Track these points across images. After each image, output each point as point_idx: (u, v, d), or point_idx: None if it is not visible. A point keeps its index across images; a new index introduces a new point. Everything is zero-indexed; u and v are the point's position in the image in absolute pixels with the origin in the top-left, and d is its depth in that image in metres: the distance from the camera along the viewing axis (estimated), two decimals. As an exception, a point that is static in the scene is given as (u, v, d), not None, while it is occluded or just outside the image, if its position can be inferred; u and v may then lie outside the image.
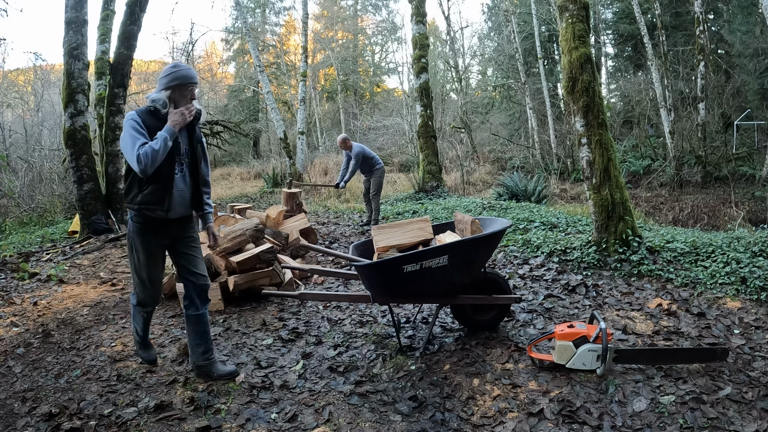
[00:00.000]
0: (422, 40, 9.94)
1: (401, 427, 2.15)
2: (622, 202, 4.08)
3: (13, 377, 2.71)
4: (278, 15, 28.29)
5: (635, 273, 3.78)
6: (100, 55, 8.82)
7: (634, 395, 2.27)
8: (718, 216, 10.11)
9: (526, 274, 4.10)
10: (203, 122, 13.55)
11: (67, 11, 6.89)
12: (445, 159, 15.67)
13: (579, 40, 4.17)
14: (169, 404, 2.37)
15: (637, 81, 17.17)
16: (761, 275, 3.29)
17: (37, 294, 4.19)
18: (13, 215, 10.06)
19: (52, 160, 12.57)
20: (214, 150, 18.88)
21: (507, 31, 18.92)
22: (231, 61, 29.34)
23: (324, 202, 10.21)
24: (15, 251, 6.06)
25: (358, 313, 3.55)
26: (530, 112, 17.36)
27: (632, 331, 2.92)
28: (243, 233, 4.02)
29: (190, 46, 18.49)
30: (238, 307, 3.72)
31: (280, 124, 14.44)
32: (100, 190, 7.12)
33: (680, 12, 16.20)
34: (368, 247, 3.19)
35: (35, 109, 20.88)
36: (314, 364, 2.77)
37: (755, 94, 13.46)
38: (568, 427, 2.08)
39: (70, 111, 6.86)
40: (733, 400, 2.19)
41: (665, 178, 12.93)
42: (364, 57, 30.47)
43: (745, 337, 2.77)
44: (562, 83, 4.69)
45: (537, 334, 2.98)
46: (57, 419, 2.27)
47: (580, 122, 4.15)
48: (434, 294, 2.81)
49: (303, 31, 15.38)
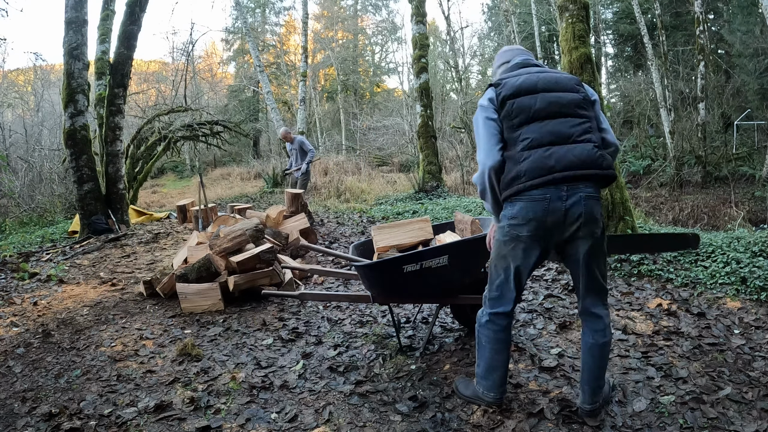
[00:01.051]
0: (422, 40, 9.94)
1: (401, 427, 2.15)
2: (622, 202, 4.08)
3: (13, 377, 2.71)
4: (278, 15, 28.32)
5: (635, 273, 3.79)
6: (100, 55, 8.83)
7: (634, 395, 2.28)
8: (718, 216, 10.11)
9: (526, 274, 4.09)
10: (203, 122, 13.56)
11: (67, 11, 6.89)
12: (445, 159, 15.67)
13: (579, 40, 4.17)
14: (169, 404, 2.37)
15: (637, 81, 17.17)
16: (761, 275, 3.29)
17: (37, 294, 4.19)
18: (13, 215, 10.06)
19: (52, 160, 12.58)
20: (214, 150, 18.90)
21: (507, 31, 18.91)
22: (231, 61, 29.37)
23: (324, 202, 10.21)
24: (15, 251, 6.06)
25: (358, 313, 3.55)
26: (530, 112, 17.33)
27: (632, 331, 2.92)
28: (243, 233, 4.02)
29: (190, 46, 18.48)
30: (238, 307, 3.72)
31: (280, 124, 14.44)
32: (100, 190, 7.13)
33: (680, 12, 16.21)
34: (368, 247, 3.19)
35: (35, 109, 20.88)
36: (314, 364, 2.77)
37: (755, 94, 13.46)
38: (568, 427, 2.08)
39: (70, 111, 6.86)
40: (733, 400, 2.19)
41: (665, 178, 12.93)
42: (364, 57, 30.48)
43: (745, 337, 2.78)
44: (562, 83, 4.70)
45: (537, 333, 2.98)
46: (57, 419, 2.27)
47: (580, 122, 4.15)
48: (434, 294, 2.81)
49: (303, 31, 15.39)
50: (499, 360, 2.10)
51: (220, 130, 13.61)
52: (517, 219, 1.94)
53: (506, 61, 2.20)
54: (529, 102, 1.95)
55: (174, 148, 13.35)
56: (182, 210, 8.00)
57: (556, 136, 1.91)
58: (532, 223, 1.91)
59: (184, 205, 8.07)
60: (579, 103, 1.98)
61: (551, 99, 1.95)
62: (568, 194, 1.88)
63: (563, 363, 2.59)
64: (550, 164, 1.87)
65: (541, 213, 1.89)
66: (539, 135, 1.92)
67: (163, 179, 23.06)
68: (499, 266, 2.06)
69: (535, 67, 2.10)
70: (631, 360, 2.59)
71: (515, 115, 1.95)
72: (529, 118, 1.94)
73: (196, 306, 3.67)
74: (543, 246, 1.98)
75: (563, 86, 1.99)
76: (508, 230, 1.98)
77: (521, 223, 1.93)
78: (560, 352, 2.71)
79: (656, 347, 2.72)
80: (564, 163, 1.87)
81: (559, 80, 2.01)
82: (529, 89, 1.96)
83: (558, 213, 1.89)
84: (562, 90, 1.98)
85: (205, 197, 6.82)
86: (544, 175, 1.87)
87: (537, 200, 1.89)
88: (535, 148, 1.91)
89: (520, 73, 2.04)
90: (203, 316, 3.56)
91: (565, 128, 1.93)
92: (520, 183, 1.91)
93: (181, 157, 22.75)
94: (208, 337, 3.20)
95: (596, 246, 1.96)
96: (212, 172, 21.03)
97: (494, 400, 2.16)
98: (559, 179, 1.87)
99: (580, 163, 1.88)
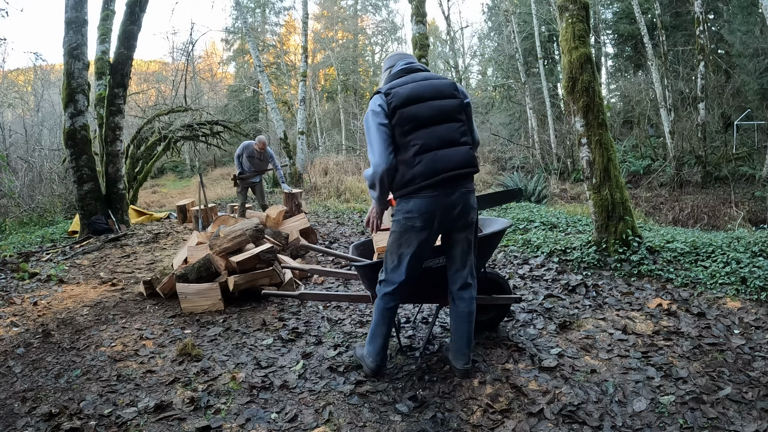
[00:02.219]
0: (422, 40, 9.94)
1: (401, 427, 2.15)
2: (622, 202, 4.08)
3: (13, 377, 2.71)
4: (278, 15, 28.33)
5: (635, 273, 3.78)
6: (100, 55, 8.83)
7: (634, 395, 2.28)
8: (718, 216, 10.12)
9: (526, 274, 4.10)
10: (203, 122, 13.56)
11: (67, 11, 6.89)
12: (445, 159, 15.63)
13: (579, 40, 4.17)
14: (169, 404, 2.37)
15: (637, 81, 17.17)
16: (761, 275, 3.29)
17: (37, 294, 4.19)
18: (13, 215, 10.06)
19: (52, 160, 12.59)
20: (214, 150, 18.90)
21: (507, 31, 18.91)
22: (231, 61, 29.38)
23: (324, 202, 10.21)
24: (15, 251, 6.06)
25: (358, 313, 3.55)
26: (530, 112, 17.36)
27: (632, 331, 2.92)
28: (243, 233, 4.02)
29: (190, 46, 18.48)
30: (238, 307, 3.72)
31: (280, 124, 14.44)
32: (100, 190, 7.13)
33: (680, 12, 16.20)
34: (368, 247, 3.19)
35: (35, 109, 20.89)
36: (314, 364, 2.77)
37: (755, 94, 13.46)
38: (568, 427, 2.08)
39: (70, 111, 6.87)
40: (733, 400, 2.19)
41: (665, 178, 12.93)
42: (364, 57, 30.48)
43: (745, 337, 2.77)
44: (562, 83, 4.69)
45: (537, 333, 2.98)
46: (57, 419, 2.27)
47: (580, 122, 4.15)
48: (434, 294, 2.81)
49: (303, 31, 15.38)
50: (380, 331, 2.45)
51: (220, 130, 13.62)
52: (411, 213, 2.27)
53: (390, 67, 2.49)
54: (417, 110, 2.24)
55: (174, 148, 13.35)
56: (182, 210, 8.01)
57: (442, 141, 2.24)
58: (424, 215, 2.25)
59: (184, 205, 8.08)
60: (458, 108, 2.31)
61: (436, 107, 2.26)
62: (453, 191, 2.25)
63: (563, 363, 2.59)
64: (439, 167, 2.21)
65: (433, 207, 2.24)
66: (428, 140, 2.23)
67: (163, 179, 23.07)
68: (393, 253, 2.38)
69: (419, 73, 2.38)
70: (631, 360, 2.59)
71: (406, 122, 2.23)
72: (418, 125, 2.24)
73: (196, 306, 3.67)
74: (432, 235, 2.32)
75: (445, 94, 2.30)
76: (404, 222, 2.30)
77: (415, 216, 2.26)
78: (560, 352, 2.71)
79: (656, 347, 2.72)
80: (449, 166, 2.22)
81: (441, 88, 2.30)
82: (418, 98, 2.25)
83: (445, 207, 2.25)
84: (445, 97, 2.29)
85: (205, 197, 6.82)
86: (434, 176, 2.21)
87: (428, 197, 2.23)
88: (425, 153, 2.22)
89: (406, 82, 2.32)
90: (203, 316, 3.56)
91: (449, 133, 2.26)
92: (415, 184, 2.23)
93: (181, 157, 22.76)
94: (208, 337, 3.20)
95: (472, 231, 2.38)
96: (212, 172, 21.04)
97: (373, 365, 2.50)
98: (448, 179, 2.22)
99: (461, 164, 2.25)
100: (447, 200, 2.24)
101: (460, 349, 2.43)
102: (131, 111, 16.20)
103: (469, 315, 2.42)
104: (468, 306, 2.42)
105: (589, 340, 2.85)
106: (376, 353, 2.49)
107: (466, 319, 2.41)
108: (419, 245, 2.32)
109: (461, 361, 2.44)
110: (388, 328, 2.47)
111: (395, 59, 2.50)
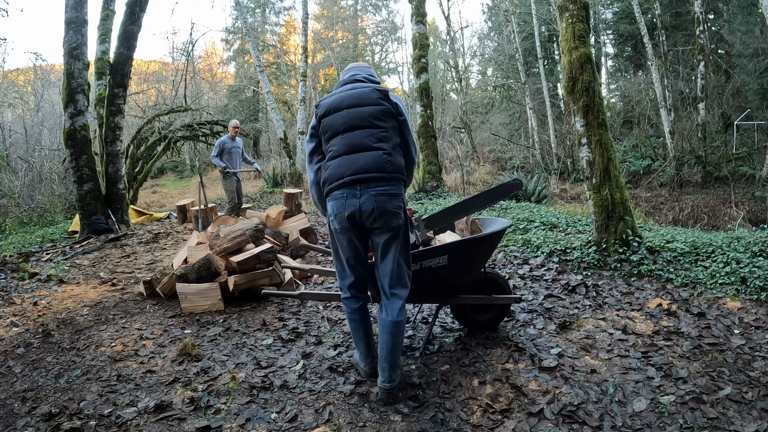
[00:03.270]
0: (422, 40, 9.94)
1: (401, 427, 2.15)
2: (622, 202, 4.08)
3: (13, 377, 2.71)
4: (278, 15, 28.28)
5: (635, 273, 3.78)
6: (100, 55, 8.83)
7: (634, 395, 2.28)
8: (718, 216, 10.12)
9: (526, 274, 4.10)
10: (203, 122, 13.55)
11: (67, 11, 6.89)
12: (445, 159, 15.67)
13: (579, 40, 4.17)
14: (169, 404, 2.37)
15: (637, 81, 17.17)
16: (761, 275, 3.29)
17: (37, 294, 4.19)
18: (13, 215, 10.07)
19: (52, 160, 12.59)
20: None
21: (507, 31, 18.92)
22: (231, 61, 29.34)
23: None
24: (15, 251, 6.06)
25: (358, 313, 3.55)
26: (530, 112, 17.36)
27: (632, 331, 2.92)
28: (243, 233, 4.02)
29: (190, 46, 18.48)
30: (238, 307, 3.72)
31: (280, 124, 14.45)
32: (100, 190, 7.13)
33: (680, 12, 16.20)
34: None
35: (35, 109, 20.88)
36: (314, 364, 2.77)
37: (755, 94, 13.46)
38: (568, 427, 2.08)
39: (70, 111, 6.87)
40: (733, 400, 2.19)
41: (665, 178, 12.93)
42: (364, 57, 30.45)
43: (745, 337, 2.78)
44: (562, 83, 4.70)
45: (537, 333, 2.98)
46: (57, 419, 2.27)
47: (580, 122, 4.15)
48: (434, 294, 2.81)
49: (303, 31, 15.38)
50: (357, 336, 2.48)
51: (220, 130, 13.61)
52: (329, 215, 2.36)
53: (341, 79, 2.53)
54: (335, 119, 2.33)
55: (174, 148, 13.35)
56: (182, 210, 8.01)
57: (352, 146, 2.30)
58: (338, 216, 2.30)
59: (184, 205, 8.08)
60: (377, 115, 2.31)
61: (352, 114, 2.31)
62: (361, 193, 2.26)
63: (563, 363, 2.59)
64: (342, 171, 2.28)
65: (342, 208, 2.28)
66: (339, 146, 2.32)
67: (163, 179, 23.07)
68: (336, 259, 2.46)
69: (350, 84, 2.43)
70: (631, 360, 2.59)
71: (325, 131, 2.36)
72: (334, 133, 2.33)
73: (196, 306, 3.67)
74: (356, 235, 2.33)
75: (365, 101, 2.32)
76: (330, 224, 2.39)
77: (332, 218, 2.34)
78: (560, 352, 2.71)
79: (656, 347, 2.72)
80: (354, 169, 2.26)
81: (362, 96, 2.33)
82: (337, 108, 2.33)
83: (353, 208, 2.26)
84: (365, 104, 2.32)
85: (205, 197, 6.83)
86: (338, 180, 2.29)
87: (338, 198, 2.29)
88: (335, 158, 2.32)
89: (335, 92, 2.40)
90: (203, 316, 3.56)
91: (360, 139, 2.29)
92: (327, 186, 2.34)
93: (181, 157, 22.74)
94: (208, 337, 3.20)
95: (395, 235, 2.32)
96: (212, 172, 21.02)
97: (367, 369, 2.51)
98: (349, 182, 2.26)
99: (369, 168, 2.26)
100: (356, 201, 2.25)
101: (381, 363, 2.30)
102: (131, 111, 16.19)
103: (389, 326, 2.29)
104: (388, 316, 2.31)
105: (589, 340, 2.85)
106: (365, 357, 2.51)
107: (387, 330, 2.29)
108: (348, 246, 2.35)
109: (381, 377, 2.31)
110: (365, 332, 2.47)
111: (345, 72, 2.55)
